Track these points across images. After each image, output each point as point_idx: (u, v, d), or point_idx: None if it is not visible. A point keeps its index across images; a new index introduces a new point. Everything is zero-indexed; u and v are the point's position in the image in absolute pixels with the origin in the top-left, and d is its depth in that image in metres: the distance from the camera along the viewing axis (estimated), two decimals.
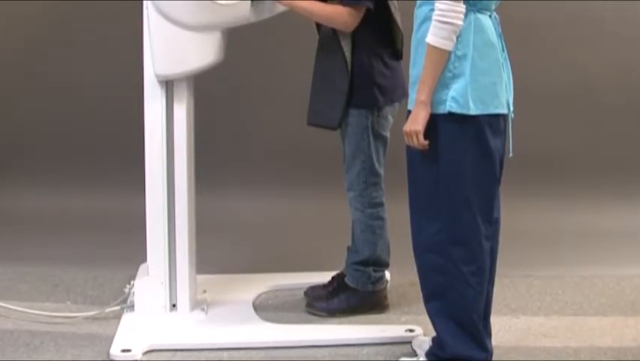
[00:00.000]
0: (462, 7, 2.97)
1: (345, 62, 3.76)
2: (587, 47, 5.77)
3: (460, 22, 2.98)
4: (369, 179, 3.93)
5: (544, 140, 5.68)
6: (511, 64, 3.25)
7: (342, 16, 3.69)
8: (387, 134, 3.94)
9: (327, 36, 3.82)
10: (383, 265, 4.08)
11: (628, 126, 5.79)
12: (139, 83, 3.86)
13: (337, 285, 4.13)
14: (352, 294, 4.06)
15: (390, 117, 3.92)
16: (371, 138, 3.86)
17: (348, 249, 4.13)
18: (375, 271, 4.05)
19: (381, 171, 3.96)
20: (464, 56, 3.03)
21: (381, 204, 3.99)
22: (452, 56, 3.02)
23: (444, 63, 3.01)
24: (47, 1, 5.70)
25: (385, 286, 4.14)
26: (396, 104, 3.92)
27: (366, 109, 3.83)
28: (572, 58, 5.77)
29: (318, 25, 3.92)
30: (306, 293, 4.19)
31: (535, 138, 5.48)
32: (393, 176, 3.90)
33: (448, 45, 2.98)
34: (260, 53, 5.39)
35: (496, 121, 3.14)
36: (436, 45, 2.98)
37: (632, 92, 5.77)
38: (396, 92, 3.89)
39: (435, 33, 2.98)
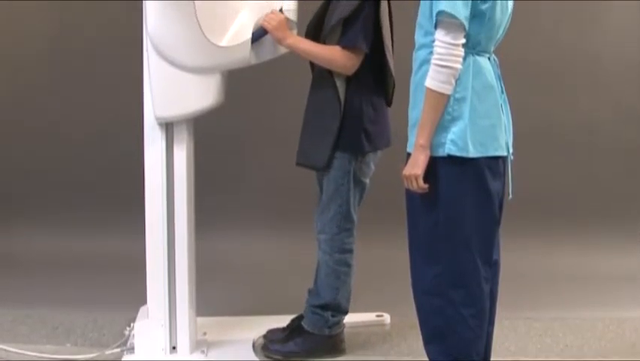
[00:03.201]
0: (460, 51, 2.99)
1: (339, 101, 3.76)
2: (587, 88, 5.81)
3: (459, 66, 2.99)
4: (343, 224, 3.91)
5: (544, 182, 5.70)
6: (510, 106, 3.26)
7: (342, 59, 3.71)
8: (367, 181, 3.93)
9: (322, 74, 3.82)
10: (342, 311, 4.06)
11: (628, 168, 5.81)
12: (139, 125, 3.87)
13: (294, 328, 4.11)
14: (308, 337, 4.05)
15: (372, 164, 3.92)
16: (351, 184, 3.85)
17: (309, 291, 4.10)
18: (333, 316, 4.03)
19: (355, 218, 3.94)
20: (463, 99, 3.04)
21: (350, 251, 3.97)
22: (451, 99, 3.03)
23: (443, 106, 3.02)
24: (47, 42, 5.74)
25: (342, 330, 4.12)
26: (379, 152, 3.92)
27: (351, 153, 3.81)
28: (572, 100, 5.81)
29: (312, 63, 3.93)
30: (264, 336, 4.17)
31: (535, 180, 5.50)
32: (391, 217, 3.90)
33: (446, 89, 2.99)
34: (259, 92, 5.42)
35: (495, 163, 3.14)
36: (435, 89, 2.99)
37: (631, 134, 5.79)
38: (382, 139, 3.90)
39: (434, 77, 2.99)
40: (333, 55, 3.72)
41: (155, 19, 3.67)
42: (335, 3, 3.80)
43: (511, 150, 3.24)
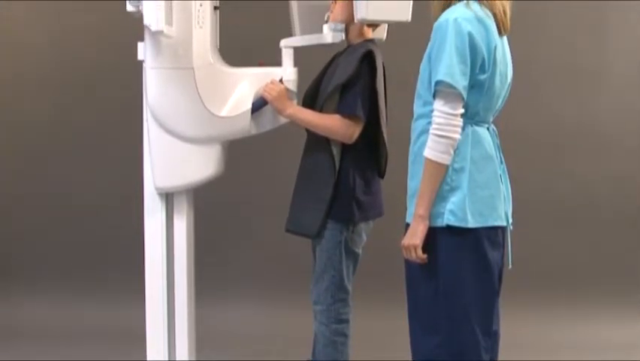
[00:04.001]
0: (459, 121, 3.00)
1: (334, 169, 3.74)
2: (587, 158, 5.83)
3: (458, 136, 3.00)
4: (337, 295, 3.86)
5: (543, 251, 5.70)
6: (510, 175, 3.26)
7: (342, 128, 3.70)
8: (360, 251, 3.90)
9: (318, 140, 3.80)
10: None
11: (628, 238, 5.82)
12: (139, 195, 3.88)
13: None
14: None
15: (364, 235, 3.89)
16: (343, 254, 3.81)
17: None
18: None
19: (350, 288, 3.89)
20: (462, 169, 3.04)
21: (346, 321, 3.91)
22: (450, 169, 3.03)
23: (442, 176, 3.02)
24: (47, 111, 5.79)
25: None
26: (371, 222, 3.90)
27: (342, 223, 3.78)
28: (572, 170, 5.83)
29: None
30: None
31: (534, 250, 5.51)
32: (390, 286, 3.90)
33: (445, 159, 2.99)
34: (259, 161, 5.45)
35: (494, 233, 3.14)
36: (434, 159, 2.99)
37: (632, 204, 5.81)
38: (373, 210, 3.87)
39: (432, 147, 3.00)
40: (334, 124, 3.72)
41: (155, 90, 3.72)
42: (332, 70, 3.83)
43: (510, 220, 3.23)
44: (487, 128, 3.17)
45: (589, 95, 5.89)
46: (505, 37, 3.18)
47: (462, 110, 3.00)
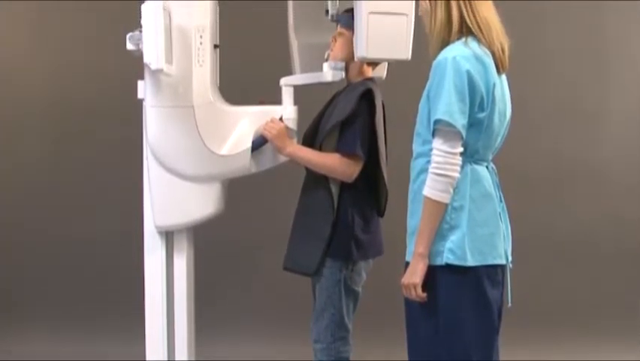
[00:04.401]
0: (458, 159, 3.00)
1: (333, 207, 3.74)
2: (587, 196, 5.84)
3: (457, 174, 3.00)
4: (338, 333, 3.84)
5: (543, 289, 5.69)
6: (510, 213, 3.26)
7: (342, 167, 3.70)
8: (359, 289, 3.89)
9: (317, 178, 3.80)
10: None
11: (628, 277, 5.81)
12: (139, 233, 3.88)
13: None
14: None
15: (363, 273, 3.87)
16: (342, 293, 3.80)
17: None
18: None
19: (350, 326, 3.88)
20: (461, 208, 3.04)
21: (346, 359, 3.89)
22: (449, 207, 3.03)
23: (441, 215, 3.02)
24: (47, 148, 5.80)
25: None
26: (370, 261, 3.89)
27: (341, 261, 3.77)
28: (572, 207, 5.83)
29: None
30: None
31: (534, 288, 5.50)
32: (390, 324, 3.89)
33: (444, 197, 2.99)
34: (259, 199, 5.45)
35: (494, 272, 3.13)
36: (433, 197, 2.99)
37: (631, 242, 5.80)
38: (373, 248, 3.86)
39: (431, 185, 3.00)
40: (334, 163, 3.72)
41: (155, 128, 3.73)
42: (331, 109, 3.83)
43: (510, 259, 3.23)
44: (487, 167, 3.17)
45: (589, 133, 5.91)
46: (504, 76, 3.19)
47: (461, 149, 3.01)
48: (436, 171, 2.99)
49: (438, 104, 2.99)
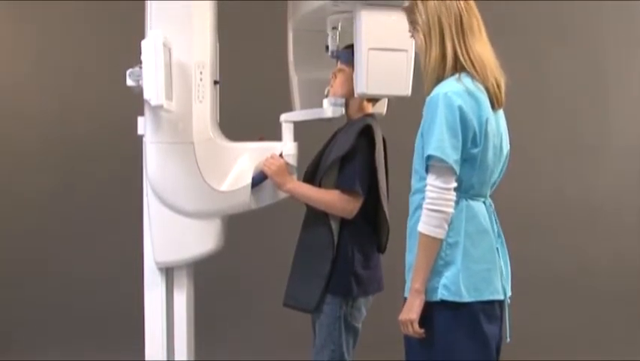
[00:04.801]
0: (452, 195, 2.99)
1: (332, 244, 3.72)
2: (586, 234, 5.84)
3: (451, 210, 2.99)
4: None
5: (543, 325, 5.67)
6: (510, 250, 3.24)
7: (341, 204, 3.70)
8: (359, 325, 3.87)
9: (317, 215, 3.79)
10: None
11: (627, 312, 5.80)
12: (139, 269, 3.88)
13: None
14: None
15: (363, 309, 3.86)
16: (342, 329, 3.78)
17: None
18: None
19: None
20: (456, 244, 3.03)
21: None
22: (444, 243, 3.02)
23: (436, 251, 3.01)
24: (47, 184, 5.82)
25: None
26: (370, 297, 3.88)
27: (341, 298, 3.75)
28: (571, 244, 5.83)
29: None
30: None
31: (534, 324, 5.47)
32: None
33: (439, 233, 2.98)
34: (258, 236, 5.45)
35: (491, 307, 3.11)
36: (428, 233, 2.98)
37: (630, 278, 5.80)
38: (373, 284, 3.85)
39: (426, 221, 2.99)
40: (333, 200, 3.72)
41: (155, 164, 3.74)
42: (332, 145, 3.83)
43: (508, 294, 3.21)
44: (484, 202, 3.16)
45: (589, 170, 5.93)
46: (500, 111, 3.19)
47: (455, 184, 3.00)
48: (430, 206, 2.98)
49: (430, 140, 2.99)
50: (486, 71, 3.09)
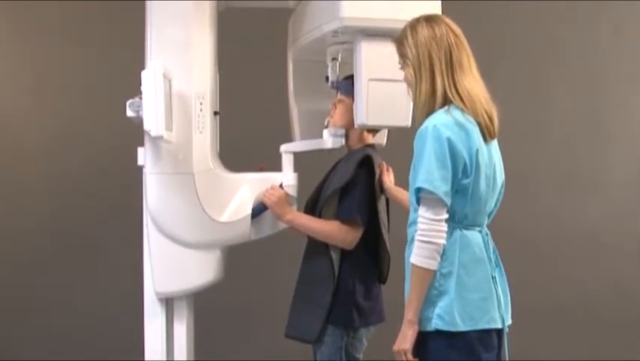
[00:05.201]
0: (443, 226, 2.99)
1: (333, 275, 3.71)
2: (586, 262, 5.83)
3: (442, 241, 2.99)
4: None
5: (542, 353, 5.65)
6: (509, 278, 3.24)
7: (341, 234, 3.69)
8: (360, 356, 3.86)
9: (318, 246, 3.78)
10: None
11: (627, 341, 5.77)
12: (139, 300, 3.88)
13: None
14: None
15: (364, 340, 3.85)
16: (343, 360, 3.76)
17: None
18: None
19: None
20: (449, 274, 3.02)
21: None
22: (437, 273, 3.02)
23: (429, 281, 3.00)
24: (47, 215, 5.83)
25: None
26: (371, 328, 3.86)
27: (342, 329, 3.74)
28: (571, 273, 5.82)
29: None
30: None
31: (532, 352, 5.45)
32: None
33: (431, 264, 2.98)
34: (259, 266, 5.44)
35: (487, 336, 3.10)
36: (420, 264, 2.98)
37: (630, 307, 5.78)
38: (374, 315, 3.83)
39: (417, 253, 2.99)
40: (333, 230, 3.71)
41: (155, 195, 3.75)
42: (332, 176, 3.83)
43: (508, 323, 3.19)
44: (480, 232, 3.15)
45: (588, 199, 5.92)
46: (494, 142, 3.18)
47: (446, 215, 3.00)
48: (421, 238, 2.98)
49: (419, 173, 3.00)
50: (476, 106, 3.09)
